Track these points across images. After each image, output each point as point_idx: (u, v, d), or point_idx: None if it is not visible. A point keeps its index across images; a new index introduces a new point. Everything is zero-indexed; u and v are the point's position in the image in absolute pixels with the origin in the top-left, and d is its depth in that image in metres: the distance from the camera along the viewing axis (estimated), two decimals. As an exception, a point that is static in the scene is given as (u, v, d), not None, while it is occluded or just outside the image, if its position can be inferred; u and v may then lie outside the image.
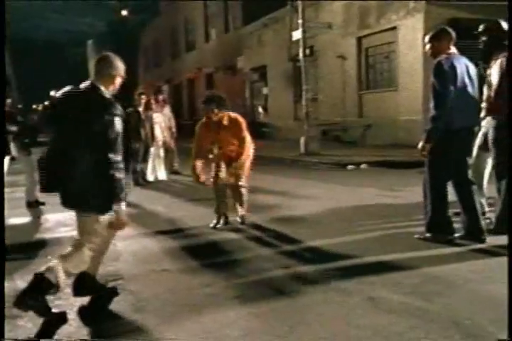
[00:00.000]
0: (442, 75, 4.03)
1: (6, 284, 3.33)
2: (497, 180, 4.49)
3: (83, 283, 3.06)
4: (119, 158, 2.83)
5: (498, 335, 2.56)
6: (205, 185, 5.31)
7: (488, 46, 4.49)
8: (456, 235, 4.29)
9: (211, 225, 5.27)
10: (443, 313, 2.86)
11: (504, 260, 3.77)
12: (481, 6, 12.08)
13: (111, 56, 3.05)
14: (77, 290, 3.07)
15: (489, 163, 4.68)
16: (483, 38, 4.49)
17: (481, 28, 4.51)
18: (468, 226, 4.27)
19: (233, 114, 5.18)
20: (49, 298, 2.90)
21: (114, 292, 3.21)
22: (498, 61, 4.38)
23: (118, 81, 3.04)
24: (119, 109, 2.89)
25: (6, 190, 5.35)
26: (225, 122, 5.05)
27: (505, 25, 4.44)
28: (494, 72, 4.38)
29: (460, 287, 3.27)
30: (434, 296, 3.11)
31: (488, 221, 4.52)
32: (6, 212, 4.70)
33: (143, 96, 9.12)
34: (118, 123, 2.85)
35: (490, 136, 4.43)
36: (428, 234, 4.33)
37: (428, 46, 4.28)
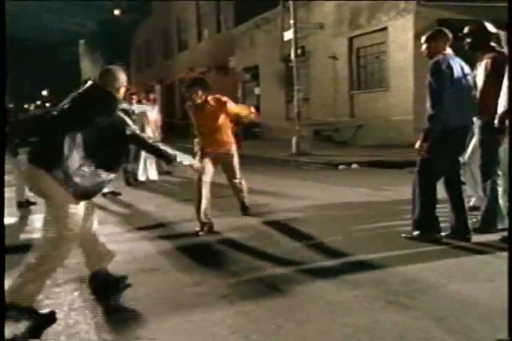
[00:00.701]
0: (440, 74, 4.06)
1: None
2: (482, 179, 4.56)
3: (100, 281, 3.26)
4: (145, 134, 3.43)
5: (481, 332, 2.62)
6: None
7: (473, 48, 4.55)
8: (443, 234, 4.34)
9: (197, 229, 5.03)
10: (427, 311, 2.91)
11: (488, 258, 3.85)
12: (470, 7, 12.21)
13: (114, 69, 3.27)
14: (95, 288, 3.27)
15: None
16: (468, 40, 4.54)
17: (465, 30, 4.56)
18: (455, 224, 4.33)
19: (217, 96, 5.18)
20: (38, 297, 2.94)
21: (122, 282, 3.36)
22: (483, 62, 4.45)
23: (122, 90, 3.28)
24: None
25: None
26: (209, 105, 5.05)
27: (489, 26, 4.50)
28: (479, 73, 4.44)
29: (444, 285, 3.32)
30: (419, 294, 3.16)
31: (474, 220, 4.57)
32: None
33: (134, 96, 9.12)
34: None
35: (476, 136, 4.49)
36: (415, 233, 4.38)
37: (424, 46, 4.30)
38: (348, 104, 15.81)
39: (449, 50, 4.25)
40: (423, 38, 4.33)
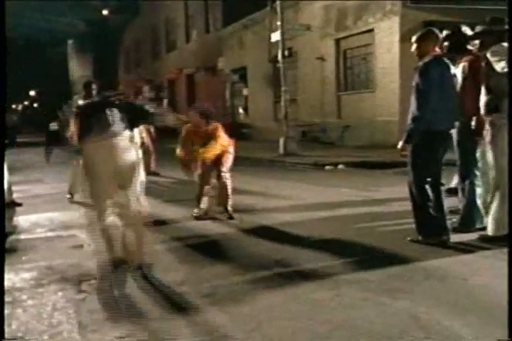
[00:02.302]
0: (428, 76, 4.09)
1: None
2: (460, 180, 4.65)
3: None
4: None
5: (453, 329, 2.70)
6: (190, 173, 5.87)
7: (450, 51, 4.63)
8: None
9: (194, 214, 5.77)
10: (403, 308, 2.99)
11: (465, 257, 3.94)
12: (456, 9, 12.35)
13: None
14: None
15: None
16: (445, 43, 4.62)
17: (443, 33, 4.64)
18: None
19: (217, 124, 5.81)
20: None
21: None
22: (461, 65, 4.54)
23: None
24: None
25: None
26: (213, 132, 5.68)
27: (466, 30, 4.60)
28: (457, 76, 4.52)
29: (421, 283, 3.40)
30: (396, 292, 3.24)
31: (454, 220, 4.66)
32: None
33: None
34: None
35: (454, 138, 4.57)
36: (420, 237, 4.30)
37: (414, 47, 4.34)
38: (335, 105, 15.92)
39: (438, 51, 4.31)
40: (413, 38, 4.36)
